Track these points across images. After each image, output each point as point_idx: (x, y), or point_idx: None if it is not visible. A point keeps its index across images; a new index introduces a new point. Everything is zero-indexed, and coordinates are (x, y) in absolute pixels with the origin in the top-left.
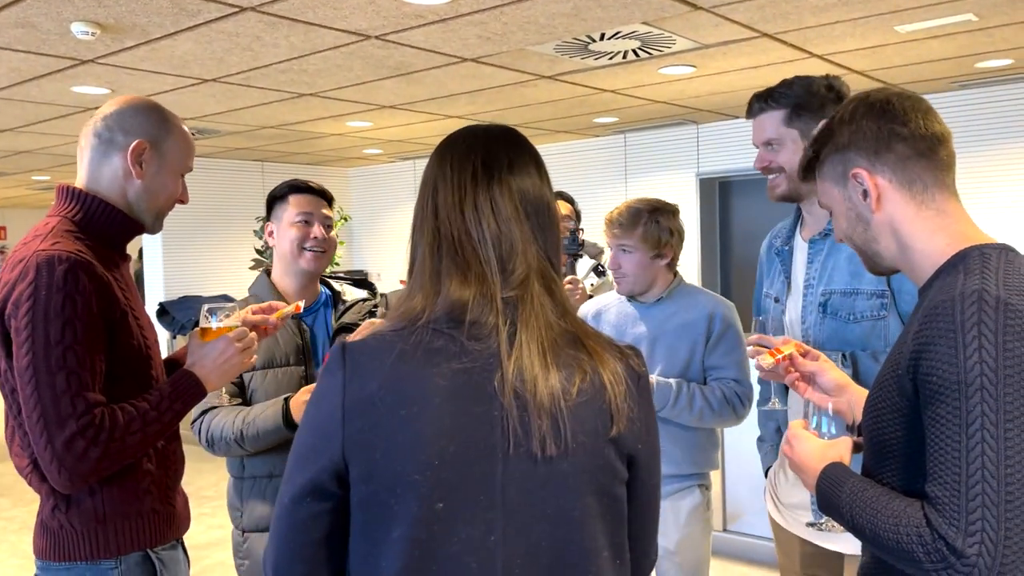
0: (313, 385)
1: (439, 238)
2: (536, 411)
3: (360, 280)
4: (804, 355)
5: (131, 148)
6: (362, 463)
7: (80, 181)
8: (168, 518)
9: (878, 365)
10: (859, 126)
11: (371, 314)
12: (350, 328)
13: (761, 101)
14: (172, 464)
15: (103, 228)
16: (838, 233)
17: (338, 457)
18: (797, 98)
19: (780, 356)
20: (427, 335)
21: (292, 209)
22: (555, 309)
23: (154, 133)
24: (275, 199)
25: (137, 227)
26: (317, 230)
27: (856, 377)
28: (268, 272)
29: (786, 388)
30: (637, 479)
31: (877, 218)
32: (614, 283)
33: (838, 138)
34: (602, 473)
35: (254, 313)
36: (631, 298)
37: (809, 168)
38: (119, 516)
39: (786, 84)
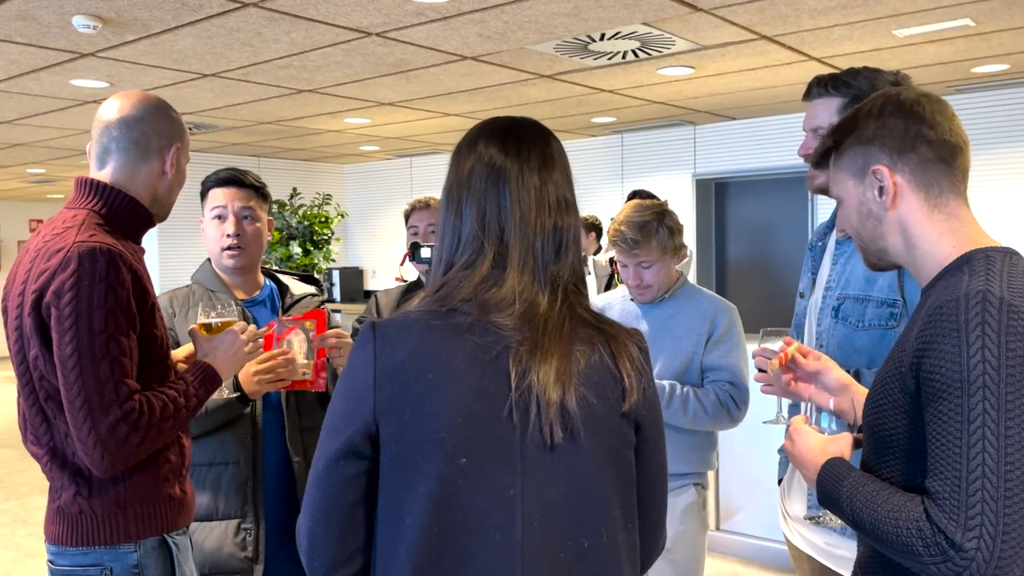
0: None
1: (487, 227)
2: (545, 399)
3: (306, 276)
4: (805, 356)
5: (170, 153)
6: (393, 424)
7: (107, 176)
8: (181, 504)
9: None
10: (886, 123)
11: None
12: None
13: (820, 86)
14: (184, 453)
15: (126, 221)
16: (844, 225)
17: (371, 420)
18: (858, 89)
19: (781, 355)
20: (455, 316)
21: (208, 204)
22: (581, 301)
23: (180, 134)
24: (201, 194)
25: (151, 221)
26: (230, 226)
27: None
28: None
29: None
30: (645, 445)
31: (889, 216)
32: (631, 294)
33: (863, 131)
34: (613, 437)
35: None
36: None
37: (825, 156)
38: (138, 501)
39: (851, 73)
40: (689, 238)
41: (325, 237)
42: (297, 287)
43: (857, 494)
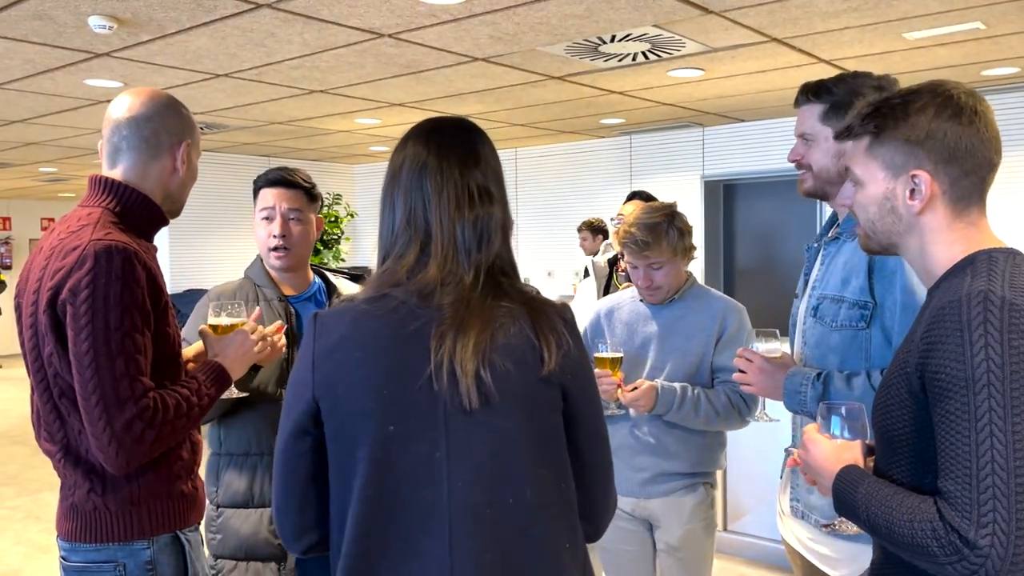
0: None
1: (414, 219)
2: (461, 370)
3: (358, 276)
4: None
5: (181, 150)
6: (329, 400)
7: (119, 175)
8: (193, 501)
9: (851, 391)
10: (941, 127)
11: None
12: None
13: (804, 93)
14: (196, 450)
15: (140, 219)
16: (857, 209)
17: (311, 400)
18: (838, 96)
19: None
20: (385, 300)
21: (258, 204)
22: (511, 283)
23: (190, 131)
24: (254, 192)
25: (164, 219)
26: (276, 227)
27: (826, 398)
28: None
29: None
30: (573, 407)
31: (913, 219)
32: (640, 295)
33: (913, 130)
34: (534, 401)
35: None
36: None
37: (851, 134)
38: (152, 498)
39: (835, 80)
40: (697, 240)
41: (335, 237)
42: (346, 287)
43: (872, 499)
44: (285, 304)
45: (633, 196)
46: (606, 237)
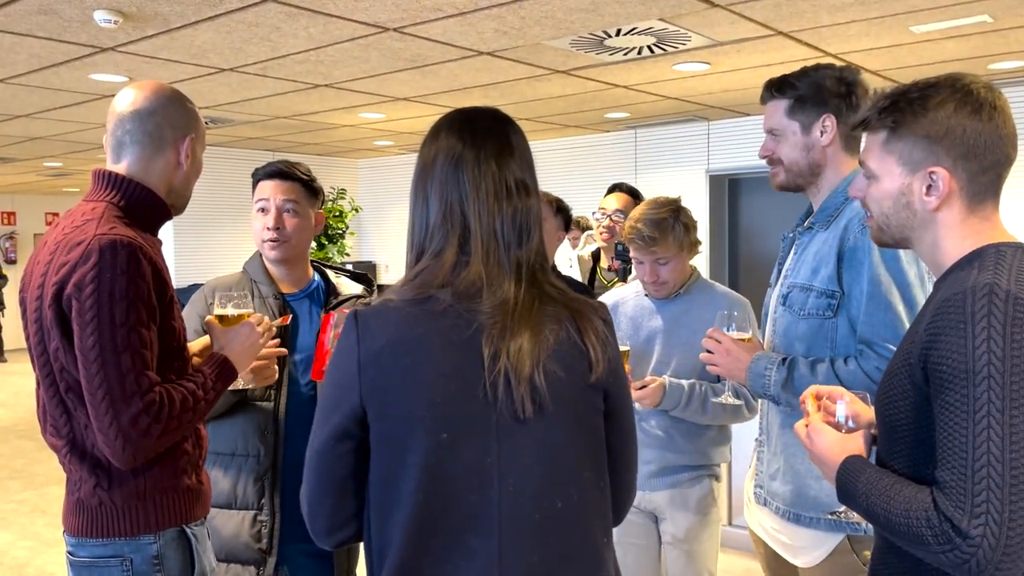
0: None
1: (450, 214)
2: (515, 378)
3: (359, 274)
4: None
5: (184, 144)
6: (376, 406)
7: (124, 169)
8: (199, 495)
9: (814, 377)
10: (961, 123)
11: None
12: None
13: (769, 89)
14: (201, 444)
15: (144, 214)
16: (874, 207)
17: (357, 404)
18: (801, 90)
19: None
20: (430, 303)
21: (255, 197)
22: (548, 279)
23: (194, 124)
24: (253, 185)
25: (169, 213)
26: (271, 219)
27: (790, 382)
28: None
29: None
30: (613, 410)
31: (929, 215)
32: (645, 290)
33: (932, 125)
34: (582, 405)
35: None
36: (648, 292)
37: (867, 127)
38: (158, 492)
39: (798, 75)
40: (702, 234)
41: (340, 232)
42: (347, 286)
43: (872, 489)
44: (280, 302)
45: (614, 188)
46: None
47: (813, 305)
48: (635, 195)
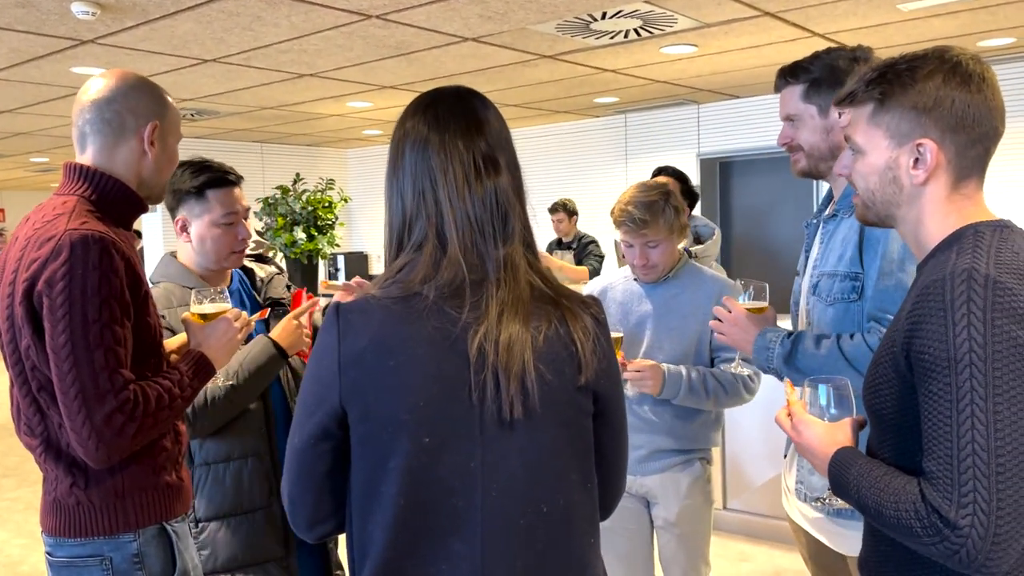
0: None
1: (424, 204)
2: (505, 379)
3: (259, 255)
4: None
5: (147, 131)
6: (358, 407)
7: (88, 160)
8: (179, 491)
9: (817, 351)
10: (950, 94)
11: (288, 287)
12: (279, 302)
13: (783, 76)
14: (180, 440)
15: (116, 207)
16: (855, 177)
17: (337, 404)
18: (816, 72)
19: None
20: (414, 300)
21: (217, 208)
22: (534, 272)
23: (159, 111)
24: (189, 193)
25: (142, 205)
26: (244, 229)
27: (793, 356)
28: (174, 254)
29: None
30: (604, 411)
31: (915, 189)
32: (634, 274)
33: (920, 96)
34: (570, 409)
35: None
36: (637, 276)
37: (853, 100)
38: (137, 490)
39: (810, 59)
40: None
41: (329, 222)
42: (259, 269)
43: (863, 480)
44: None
45: (660, 172)
46: (569, 216)
47: (838, 290)
48: (681, 178)
